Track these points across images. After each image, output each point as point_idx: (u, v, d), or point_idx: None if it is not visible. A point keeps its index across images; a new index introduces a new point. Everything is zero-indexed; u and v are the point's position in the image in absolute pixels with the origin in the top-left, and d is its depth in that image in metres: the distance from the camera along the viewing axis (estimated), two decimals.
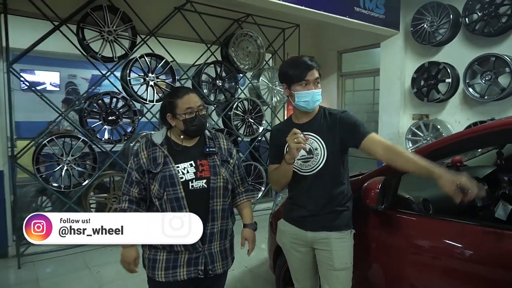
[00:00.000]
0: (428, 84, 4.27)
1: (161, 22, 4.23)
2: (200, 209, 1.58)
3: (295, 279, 1.92)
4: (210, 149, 1.66)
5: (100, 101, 3.87)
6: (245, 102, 4.96)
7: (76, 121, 4.18)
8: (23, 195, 3.89)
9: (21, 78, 3.84)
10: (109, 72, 3.93)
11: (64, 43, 3.72)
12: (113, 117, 3.91)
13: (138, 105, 4.28)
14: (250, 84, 5.26)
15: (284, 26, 5.34)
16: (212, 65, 4.65)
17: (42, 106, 3.85)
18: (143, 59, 4.02)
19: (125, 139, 4.04)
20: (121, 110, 3.97)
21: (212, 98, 4.71)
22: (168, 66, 4.20)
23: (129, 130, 4.09)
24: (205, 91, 4.64)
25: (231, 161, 1.74)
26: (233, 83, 4.87)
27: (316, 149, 1.71)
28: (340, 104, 5.81)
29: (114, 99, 3.95)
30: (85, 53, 3.82)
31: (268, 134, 5.24)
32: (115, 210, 3.97)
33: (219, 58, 4.82)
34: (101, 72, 3.96)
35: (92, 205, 3.94)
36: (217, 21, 4.71)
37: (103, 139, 4.00)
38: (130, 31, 3.97)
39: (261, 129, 5.06)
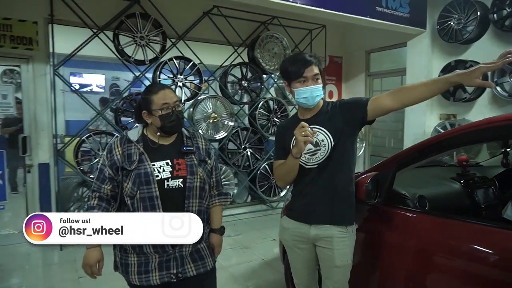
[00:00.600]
0: None
1: (190, 26, 4.49)
2: (174, 209, 1.53)
3: (295, 275, 1.94)
4: (188, 148, 1.62)
5: (132, 100, 4.20)
6: (270, 102, 5.11)
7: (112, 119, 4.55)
8: (65, 186, 4.31)
9: (65, 81, 4.24)
10: (141, 74, 4.25)
11: (105, 48, 4.09)
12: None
13: None
14: (276, 84, 5.40)
15: (311, 27, 5.42)
16: (238, 66, 4.85)
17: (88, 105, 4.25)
18: (172, 61, 4.31)
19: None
20: None
21: (237, 98, 4.91)
22: (196, 68, 4.45)
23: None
24: (231, 91, 4.86)
25: (209, 161, 1.70)
26: (259, 84, 5.03)
27: (322, 140, 1.70)
28: None
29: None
30: (120, 57, 4.16)
31: None
32: None
33: (246, 60, 5.01)
34: (134, 74, 4.30)
35: None
36: (244, 24, 4.90)
37: None
38: (161, 36, 4.27)
39: None
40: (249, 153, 4.94)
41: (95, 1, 3.97)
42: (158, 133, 1.62)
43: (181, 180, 1.57)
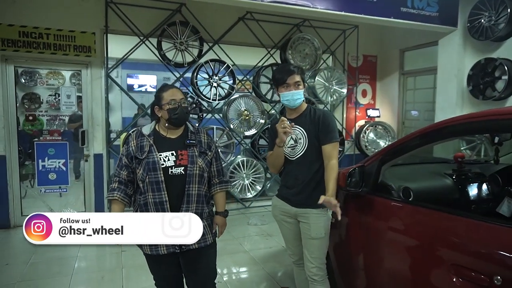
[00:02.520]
0: (484, 81, 4.10)
1: (225, 31, 4.89)
2: (177, 192, 1.82)
3: (287, 246, 2.29)
4: (190, 141, 1.89)
5: None
6: None
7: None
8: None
9: (116, 82, 4.86)
10: (181, 76, 4.75)
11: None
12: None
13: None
14: (310, 83, 5.62)
15: (344, 28, 5.56)
16: (270, 67, 5.17)
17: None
18: (208, 64, 4.75)
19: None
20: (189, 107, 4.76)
21: (269, 97, 5.22)
22: (229, 70, 4.85)
23: (196, 124, 4.84)
24: (263, 91, 5.19)
25: (209, 153, 1.96)
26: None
27: (300, 138, 2.08)
28: (400, 103, 5.78)
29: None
30: (162, 61, 4.68)
31: None
32: None
33: (279, 61, 5.30)
34: (175, 75, 4.79)
35: None
36: (277, 26, 5.19)
37: None
38: (198, 41, 4.73)
39: None
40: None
41: (142, 12, 4.52)
42: (166, 125, 1.89)
43: (182, 168, 1.84)
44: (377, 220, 2.05)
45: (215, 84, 4.83)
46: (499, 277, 1.33)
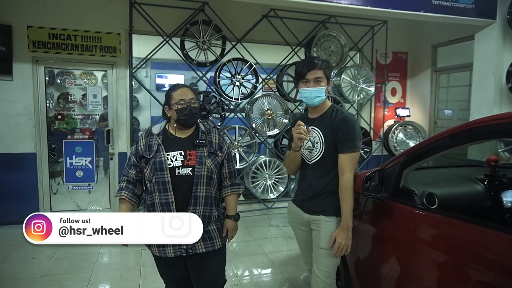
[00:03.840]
0: None
1: (249, 29, 4.83)
2: (184, 193, 1.76)
3: (302, 253, 2.18)
4: (200, 141, 1.82)
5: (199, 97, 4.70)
6: None
7: None
8: None
9: (140, 82, 4.93)
10: (203, 75, 4.73)
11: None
12: (205, 112, 4.70)
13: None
14: (336, 82, 5.45)
15: (372, 24, 5.34)
16: (294, 65, 5.05)
17: None
18: (230, 63, 4.70)
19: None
20: (211, 106, 4.74)
21: (292, 96, 5.11)
22: (252, 68, 4.78)
23: (218, 123, 4.83)
24: (287, 90, 5.08)
25: (220, 154, 1.88)
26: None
27: (316, 142, 1.90)
28: (433, 102, 5.47)
29: (206, 97, 4.74)
30: (185, 60, 4.69)
31: None
32: None
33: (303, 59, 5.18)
34: (198, 75, 4.79)
35: None
36: (302, 24, 5.06)
37: None
38: (221, 40, 4.69)
39: None
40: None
41: (165, 12, 4.54)
42: (175, 125, 1.85)
43: (190, 168, 1.78)
44: (395, 229, 1.91)
45: (237, 83, 4.78)
46: None
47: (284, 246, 3.90)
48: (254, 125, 4.88)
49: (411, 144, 5.30)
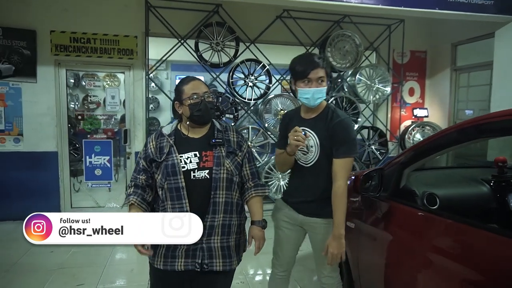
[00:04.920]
0: None
1: (262, 30, 4.86)
2: (201, 200, 1.57)
3: (276, 253, 2.04)
4: (217, 140, 1.63)
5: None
6: (340, 100, 5.15)
7: None
8: None
9: (155, 83, 5.06)
10: (217, 76, 4.81)
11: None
12: (218, 113, 4.77)
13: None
14: (351, 82, 5.40)
15: (389, 23, 5.25)
16: None
17: None
18: (243, 64, 4.75)
19: None
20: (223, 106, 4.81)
21: None
22: (265, 69, 4.81)
23: (231, 124, 4.89)
24: None
25: (239, 153, 1.69)
26: (329, 82, 5.12)
27: (312, 146, 1.83)
28: (452, 102, 5.31)
29: (220, 98, 4.81)
30: (199, 61, 4.77)
31: (364, 131, 5.30)
32: None
33: None
34: (212, 76, 4.86)
35: None
36: (316, 24, 5.04)
37: None
38: (235, 41, 4.75)
39: (356, 126, 5.15)
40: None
41: (180, 15, 4.64)
42: (188, 123, 1.65)
43: (207, 171, 1.58)
44: (394, 229, 1.89)
45: (250, 84, 4.82)
46: None
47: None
48: (266, 125, 4.91)
49: None
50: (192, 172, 1.59)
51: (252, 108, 4.93)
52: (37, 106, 4.48)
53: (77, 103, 6.60)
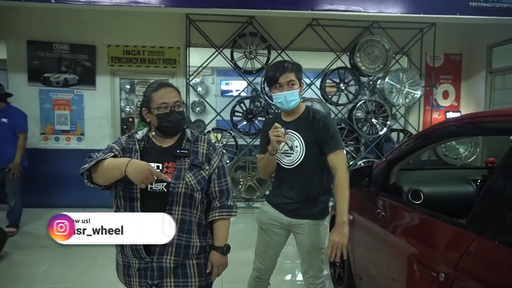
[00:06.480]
0: None
1: (293, 39, 5.17)
2: None
3: (258, 254, 2.07)
4: (181, 151, 1.52)
5: (242, 103, 5.20)
6: (369, 103, 5.30)
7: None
8: None
9: (195, 89, 5.57)
10: (250, 82, 5.22)
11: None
12: (251, 116, 5.17)
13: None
14: (380, 86, 5.52)
15: (421, 26, 5.30)
16: (336, 71, 5.27)
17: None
18: None
19: (258, 133, 5.25)
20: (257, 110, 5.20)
21: (335, 100, 5.33)
22: None
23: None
24: (329, 95, 5.33)
25: (207, 167, 1.56)
26: (357, 86, 5.31)
27: (296, 146, 1.88)
28: (487, 105, 5.20)
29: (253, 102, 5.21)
30: (235, 68, 5.21)
31: (394, 134, 5.39)
32: (248, 187, 5.24)
33: (347, 64, 5.34)
34: (247, 81, 5.28)
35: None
36: (346, 30, 5.24)
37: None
38: (267, 49, 5.13)
39: (384, 129, 5.27)
40: (344, 151, 5.26)
41: (217, 27, 5.11)
42: (154, 133, 1.56)
43: (165, 184, 1.47)
44: (376, 220, 2.14)
45: None
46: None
47: None
48: None
49: (461, 150, 5.13)
50: (149, 184, 1.42)
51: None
52: (96, 110, 5.19)
53: (132, 106, 7.41)
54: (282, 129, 1.76)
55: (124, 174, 1.36)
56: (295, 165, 1.90)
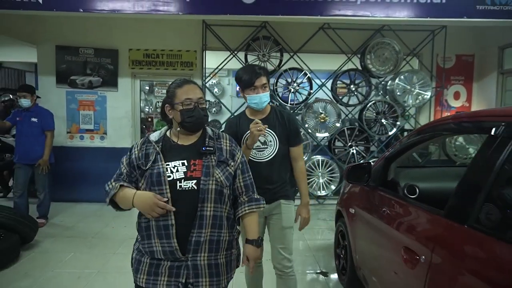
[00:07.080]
0: None
1: (304, 42, 5.35)
2: (186, 213, 1.46)
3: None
4: (207, 148, 1.53)
5: None
6: (379, 104, 5.42)
7: None
8: None
9: (211, 91, 5.82)
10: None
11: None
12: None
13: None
14: (390, 87, 5.63)
15: (431, 28, 5.38)
16: (347, 72, 5.41)
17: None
18: (287, 72, 5.30)
19: None
20: None
21: (345, 100, 5.47)
22: (306, 76, 5.30)
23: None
24: (340, 96, 5.48)
25: (232, 163, 1.59)
26: (368, 88, 5.44)
27: (270, 141, 2.12)
28: (499, 105, 5.24)
29: None
30: None
31: (404, 134, 5.49)
32: None
33: (358, 65, 5.48)
34: None
35: None
36: (357, 32, 5.38)
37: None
38: (279, 52, 5.32)
39: (394, 129, 5.38)
40: (354, 151, 5.43)
41: (231, 31, 5.33)
42: (178, 129, 1.56)
43: (194, 181, 1.47)
44: (374, 213, 2.31)
45: (293, 90, 5.34)
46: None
47: (324, 236, 4.35)
48: (306, 126, 5.37)
49: (471, 150, 5.18)
50: (178, 182, 1.47)
51: (294, 112, 5.45)
52: (117, 111, 5.51)
53: (151, 107, 7.77)
54: (261, 123, 1.94)
55: (132, 206, 1.48)
56: (271, 157, 2.14)
